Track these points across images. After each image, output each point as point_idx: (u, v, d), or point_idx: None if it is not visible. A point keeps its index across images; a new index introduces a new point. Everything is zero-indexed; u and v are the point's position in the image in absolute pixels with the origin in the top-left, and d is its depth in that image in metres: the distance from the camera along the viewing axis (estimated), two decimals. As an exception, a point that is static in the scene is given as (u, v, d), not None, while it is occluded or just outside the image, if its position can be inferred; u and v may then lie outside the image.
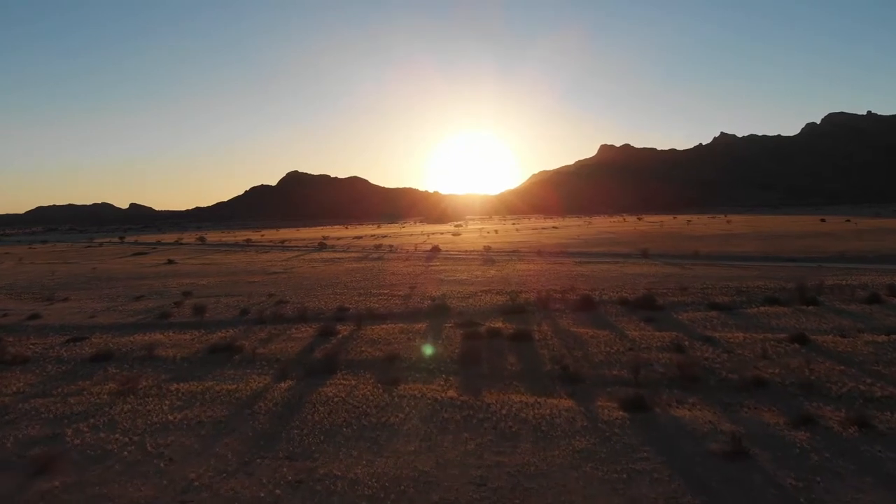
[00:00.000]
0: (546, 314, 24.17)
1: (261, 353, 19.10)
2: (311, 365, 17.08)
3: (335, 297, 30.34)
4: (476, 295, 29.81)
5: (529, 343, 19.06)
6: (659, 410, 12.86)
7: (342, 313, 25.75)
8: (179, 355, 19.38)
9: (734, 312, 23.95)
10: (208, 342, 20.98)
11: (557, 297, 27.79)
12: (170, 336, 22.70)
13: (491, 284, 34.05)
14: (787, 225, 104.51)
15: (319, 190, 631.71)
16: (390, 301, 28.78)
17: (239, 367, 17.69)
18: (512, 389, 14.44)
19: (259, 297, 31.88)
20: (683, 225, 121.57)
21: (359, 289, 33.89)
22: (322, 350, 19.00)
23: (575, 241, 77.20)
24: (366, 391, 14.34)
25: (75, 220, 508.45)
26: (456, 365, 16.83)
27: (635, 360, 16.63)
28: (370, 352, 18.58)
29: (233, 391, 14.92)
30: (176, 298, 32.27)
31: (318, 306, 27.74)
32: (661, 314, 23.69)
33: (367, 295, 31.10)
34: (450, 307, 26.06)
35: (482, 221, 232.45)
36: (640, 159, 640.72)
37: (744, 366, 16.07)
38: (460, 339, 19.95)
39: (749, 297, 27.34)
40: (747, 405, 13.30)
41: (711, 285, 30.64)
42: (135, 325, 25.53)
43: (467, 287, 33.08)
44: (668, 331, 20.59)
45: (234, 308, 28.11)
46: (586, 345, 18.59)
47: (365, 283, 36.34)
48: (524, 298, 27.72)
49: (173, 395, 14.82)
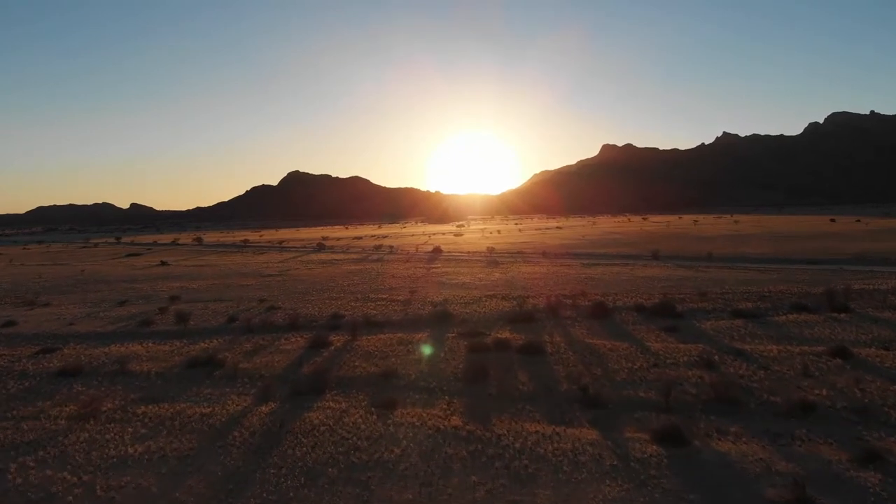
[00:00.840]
0: (557, 322, 22.31)
1: (244, 367, 17.26)
2: (297, 383, 15.24)
3: (330, 303, 28.50)
4: (480, 300, 27.95)
5: (541, 357, 17.19)
6: (699, 443, 11.01)
7: (336, 321, 23.89)
8: (154, 370, 17.54)
9: (761, 321, 22.08)
10: (188, 354, 19.14)
11: (568, 302, 25.92)
12: (148, 347, 20.86)
13: (496, 288, 32.19)
14: (797, 225, 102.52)
15: (320, 190, 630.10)
16: (389, 307, 26.93)
17: (218, 384, 15.85)
18: (525, 415, 12.58)
19: (250, 302, 30.04)
20: (690, 225, 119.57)
21: (356, 293, 32.04)
22: (311, 365, 17.15)
23: (580, 241, 75.29)
24: (357, 417, 12.49)
25: (76, 220, 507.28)
26: (460, 383, 14.97)
27: (662, 378, 14.78)
28: (364, 367, 16.73)
29: (207, 416, 13.08)
30: (162, 304, 30.44)
31: (311, 313, 25.89)
32: (682, 322, 21.82)
33: (365, 300, 29.26)
34: (452, 314, 24.20)
35: (484, 222, 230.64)
36: (643, 159, 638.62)
37: (785, 386, 14.23)
38: (464, 351, 18.10)
39: (774, 303, 25.49)
40: (799, 436, 11.46)
41: (731, 290, 28.77)
42: (113, 333, 23.69)
43: (471, 291, 31.22)
44: (694, 342, 18.73)
45: (222, 315, 26.27)
46: (605, 360, 16.72)
47: (363, 287, 34.49)
48: (532, 304, 25.86)
49: (139, 421, 12.99)
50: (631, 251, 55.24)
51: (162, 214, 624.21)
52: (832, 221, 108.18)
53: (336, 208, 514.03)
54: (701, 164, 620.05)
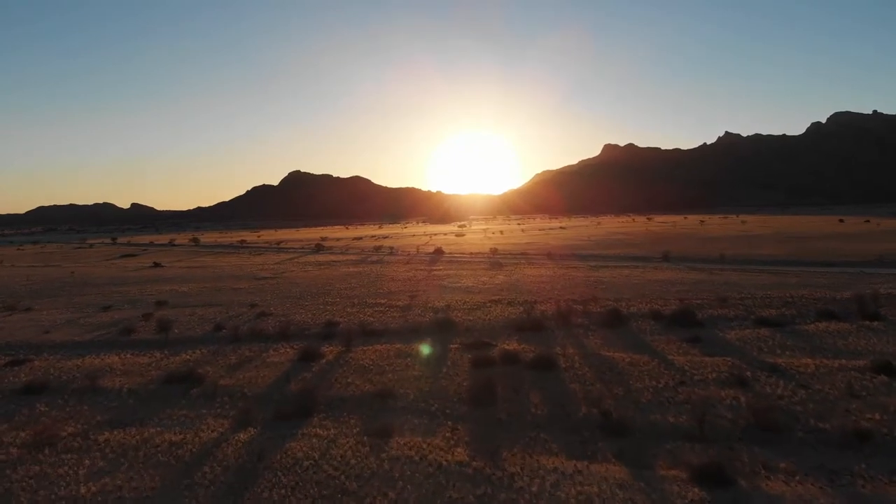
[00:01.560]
0: (568, 331, 20.65)
1: (225, 384, 15.62)
2: (282, 404, 13.62)
3: (325, 309, 26.85)
4: (484, 306, 26.30)
5: (555, 373, 15.54)
6: (745, 484, 9.37)
7: (330, 329, 22.26)
8: (128, 386, 15.92)
9: (788, 330, 20.43)
10: (166, 368, 17.51)
11: (578, 309, 24.26)
12: (125, 358, 19.24)
13: (500, 293, 30.53)
14: (805, 226, 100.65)
15: (321, 190, 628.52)
16: (387, 314, 25.27)
17: (195, 404, 14.22)
18: (540, 447, 10.94)
19: (240, 307, 28.40)
20: (697, 225, 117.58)
21: (353, 297, 30.39)
22: (299, 381, 15.51)
23: (585, 242, 73.53)
24: (346, 449, 10.85)
25: (76, 220, 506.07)
26: (464, 405, 13.33)
27: (693, 399, 13.15)
28: (358, 384, 15.08)
29: (176, 445, 11.45)
30: (148, 309, 28.82)
31: (303, 320, 24.25)
32: (704, 332, 20.16)
33: (362, 305, 27.60)
34: (455, 322, 22.55)
35: (486, 222, 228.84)
36: (644, 159, 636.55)
37: (832, 409, 12.59)
38: (468, 365, 16.45)
39: (799, 309, 23.82)
40: (859, 472, 9.84)
41: (751, 295, 27.10)
42: (91, 343, 22.07)
43: (474, 296, 29.57)
44: (720, 355, 17.07)
45: (209, 322, 24.62)
46: (626, 376, 15.06)
47: (360, 291, 32.84)
48: (540, 311, 24.20)
49: (99, 451, 11.37)
50: (639, 252, 53.49)
51: (162, 214, 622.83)
52: (841, 222, 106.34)
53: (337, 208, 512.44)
54: (703, 163, 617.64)
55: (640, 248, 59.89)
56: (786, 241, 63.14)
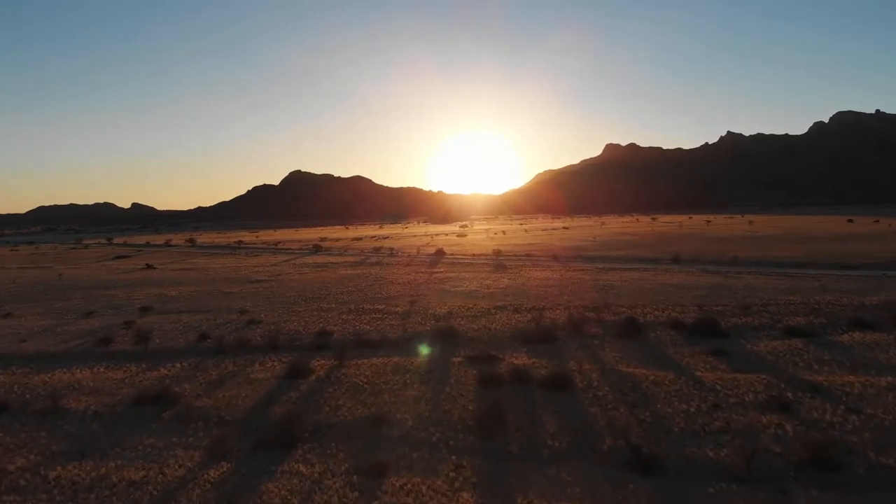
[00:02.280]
0: (582, 343, 18.97)
1: (202, 405, 13.98)
2: (263, 431, 11.99)
3: (319, 316, 25.18)
4: (489, 313, 24.62)
5: (571, 394, 13.86)
6: (813, 544, 7.72)
7: (323, 339, 20.60)
8: (94, 408, 14.28)
9: (821, 341, 18.74)
10: (139, 386, 15.87)
11: (591, 317, 22.58)
12: (97, 373, 17.60)
13: (506, 297, 28.85)
14: (814, 226, 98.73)
15: (322, 189, 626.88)
16: (385, 321, 23.60)
17: (165, 430, 12.58)
18: (560, 490, 9.28)
19: (229, 313, 26.75)
20: (703, 226, 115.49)
21: (349, 303, 28.73)
22: (285, 403, 13.86)
23: (591, 243, 71.75)
24: (332, 494, 9.20)
25: (76, 220, 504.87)
26: (471, 434, 11.67)
27: (731, 427, 11.52)
28: (349, 406, 13.42)
29: (136, 485, 9.83)
30: (131, 315, 27.19)
31: (295, 329, 22.59)
32: (730, 344, 18.48)
33: (358, 312, 25.94)
34: (458, 331, 20.88)
35: (488, 222, 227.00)
36: (646, 158, 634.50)
37: (892, 439, 10.95)
38: (474, 383, 14.78)
39: (828, 318, 22.13)
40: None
41: (774, 301, 25.41)
42: (65, 354, 20.43)
43: (478, 301, 27.89)
44: (753, 371, 15.41)
45: (193, 331, 22.96)
46: (652, 398, 13.38)
47: (357, 296, 31.18)
48: (550, 319, 22.51)
49: (46, 492, 9.76)
50: (647, 254, 51.72)
51: (163, 214, 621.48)
52: (850, 222, 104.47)
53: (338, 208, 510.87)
54: (705, 163, 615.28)
55: (647, 249, 58.09)
56: (798, 242, 61.36)
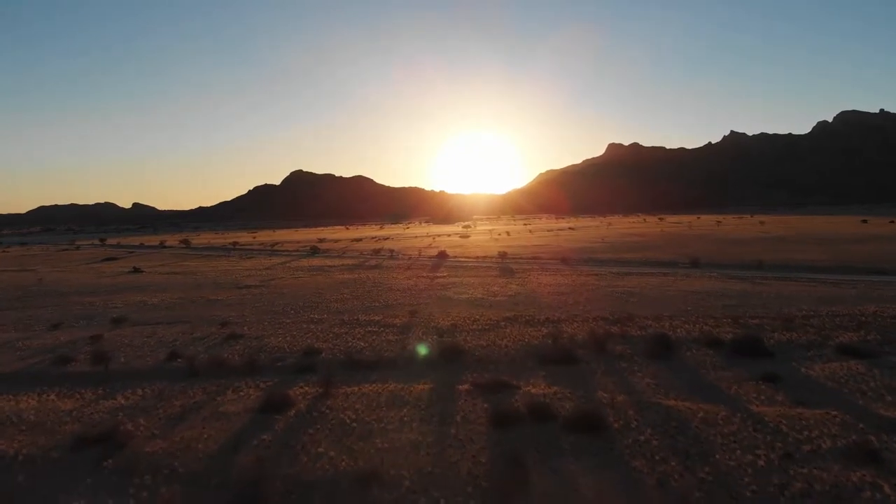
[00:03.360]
0: (609, 365, 16.37)
1: (153, 451, 11.41)
2: (222, 492, 9.42)
3: (308, 329, 22.61)
4: (499, 326, 22.03)
5: (606, 439, 11.26)
6: None
7: (310, 359, 18.03)
8: (26, 451, 11.77)
9: (884, 363, 16.16)
10: (87, 420, 13.34)
11: (614, 331, 19.99)
12: (45, 402, 15.06)
13: (515, 307, 26.27)
14: (828, 226, 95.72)
15: (324, 189, 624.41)
16: (381, 336, 21.01)
17: (101, 489, 10.03)
18: None
19: (210, 325, 24.19)
20: (714, 226, 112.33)
21: (343, 313, 26.17)
22: (255, 448, 11.28)
23: (599, 244, 69.07)
24: None
25: (77, 219, 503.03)
26: (484, 500, 9.06)
27: (813, 489, 8.93)
28: (332, 456, 10.83)
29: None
30: (102, 327, 24.66)
31: (279, 345, 20.01)
32: (779, 366, 15.88)
33: (352, 324, 23.36)
34: (464, 349, 18.31)
35: (490, 222, 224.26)
36: (649, 158, 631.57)
37: None
38: (485, 423, 12.18)
39: (881, 333, 19.57)
40: None
41: (814, 312, 22.80)
42: (15, 376, 17.90)
43: (485, 311, 25.31)
44: (817, 405, 12.83)
45: (165, 347, 20.39)
46: (707, 445, 10.76)
47: (353, 304, 28.62)
48: (568, 334, 19.92)
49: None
50: (662, 256, 49.05)
51: (164, 214, 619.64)
52: (864, 223, 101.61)
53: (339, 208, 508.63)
54: (708, 162, 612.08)
55: (660, 251, 55.34)
56: (817, 244, 58.59)
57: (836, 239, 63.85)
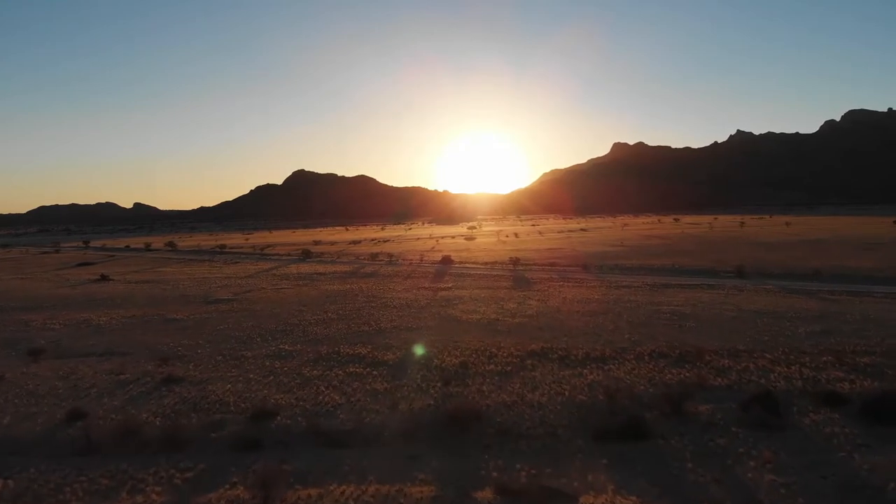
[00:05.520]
0: (697, 441, 10.90)
1: None
2: None
3: (271, 370, 17.17)
4: (524, 366, 16.55)
5: None
6: None
7: (259, 426, 12.61)
8: None
9: None
10: None
11: (687, 378, 14.51)
12: None
13: (540, 333, 20.81)
14: (863, 228, 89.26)
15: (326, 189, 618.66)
16: (365, 384, 15.52)
17: None
18: None
19: (149, 361, 18.75)
20: (737, 228, 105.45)
21: (322, 341, 20.76)
22: None
23: (620, 248, 63.29)
24: None
25: (76, 220, 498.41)
26: None
27: None
28: None
29: None
30: (11, 363, 19.24)
31: (224, 398, 14.56)
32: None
33: (330, 361, 17.91)
34: (480, 410, 12.86)
35: (496, 222, 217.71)
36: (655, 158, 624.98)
37: None
38: None
39: None
40: None
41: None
42: None
43: (503, 340, 19.83)
44: None
45: (71, 398, 14.97)
46: None
47: (336, 328, 23.19)
48: (625, 383, 14.41)
49: None
50: (695, 263, 43.31)
51: (165, 214, 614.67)
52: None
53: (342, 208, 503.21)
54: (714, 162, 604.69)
55: (692, 256, 49.47)
56: (865, 249, 52.64)
57: (879, 243, 57.83)
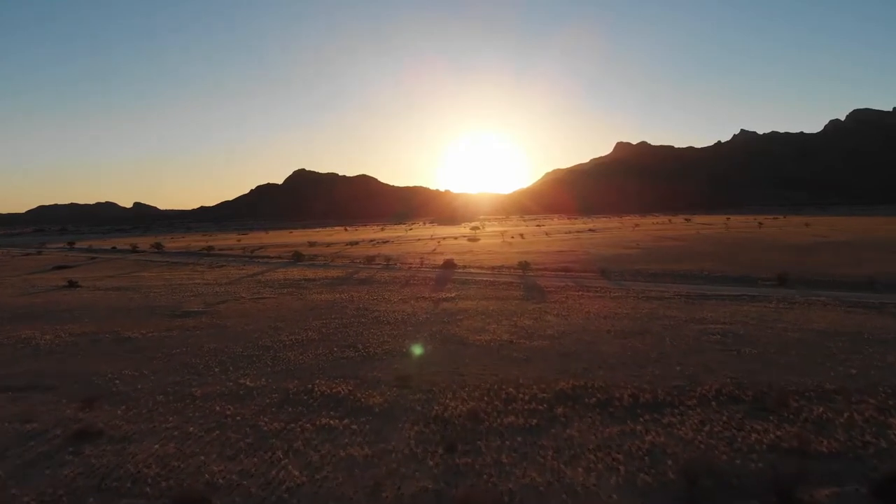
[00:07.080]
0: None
1: None
2: None
3: (219, 422, 13.06)
4: (554, 416, 12.45)
5: None
6: None
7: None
8: None
9: None
10: None
11: (779, 437, 10.41)
12: None
13: (566, 362, 16.70)
14: (878, 229, 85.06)
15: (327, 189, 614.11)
16: (338, 448, 11.41)
17: None
18: None
19: (70, 401, 14.67)
20: (755, 228, 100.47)
21: (294, 373, 16.67)
22: None
23: (635, 251, 58.98)
24: None
25: (76, 219, 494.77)
26: None
27: None
28: None
29: None
30: None
31: (143, 470, 10.44)
32: None
33: (297, 408, 13.79)
34: (501, 503, 8.73)
35: (499, 222, 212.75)
36: (658, 157, 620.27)
37: None
38: None
39: None
40: None
41: None
42: None
43: (522, 372, 15.73)
44: None
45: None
46: None
47: (316, 353, 19.08)
48: (701, 453, 10.30)
49: None
50: (728, 269, 38.90)
51: (165, 214, 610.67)
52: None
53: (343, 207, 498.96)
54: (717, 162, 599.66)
55: (719, 261, 45.06)
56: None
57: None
